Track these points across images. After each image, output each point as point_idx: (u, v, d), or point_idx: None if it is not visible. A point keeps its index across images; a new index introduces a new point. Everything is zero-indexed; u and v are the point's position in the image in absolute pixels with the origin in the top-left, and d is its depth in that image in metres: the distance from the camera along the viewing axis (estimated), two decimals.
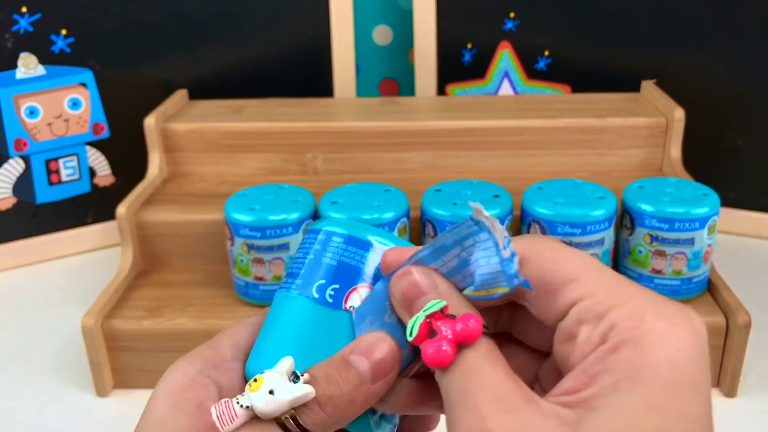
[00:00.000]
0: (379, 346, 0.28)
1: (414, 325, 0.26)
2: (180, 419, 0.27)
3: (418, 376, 0.29)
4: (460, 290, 0.28)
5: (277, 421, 0.26)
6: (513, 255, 0.26)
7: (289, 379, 0.27)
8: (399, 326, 0.28)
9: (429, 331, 0.26)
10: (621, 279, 0.25)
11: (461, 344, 0.25)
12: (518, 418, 0.23)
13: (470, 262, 0.27)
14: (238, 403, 0.27)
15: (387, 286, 0.29)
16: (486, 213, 0.26)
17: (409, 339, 0.26)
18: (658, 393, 0.22)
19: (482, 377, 0.24)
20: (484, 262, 0.27)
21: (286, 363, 0.27)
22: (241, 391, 0.27)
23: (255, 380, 0.27)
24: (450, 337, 0.25)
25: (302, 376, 0.27)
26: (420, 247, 0.29)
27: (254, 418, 0.27)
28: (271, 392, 0.26)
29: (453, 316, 0.26)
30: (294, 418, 0.26)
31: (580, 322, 0.24)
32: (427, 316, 0.26)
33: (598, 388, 0.22)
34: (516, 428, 0.22)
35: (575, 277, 0.25)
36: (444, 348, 0.25)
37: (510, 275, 0.26)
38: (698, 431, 0.22)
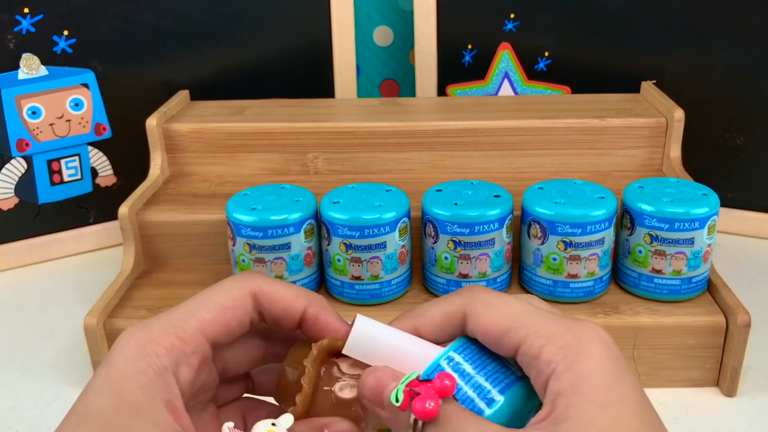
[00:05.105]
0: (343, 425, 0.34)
1: (398, 393, 0.31)
2: (157, 417, 0.30)
3: None
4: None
5: None
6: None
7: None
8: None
9: (411, 396, 0.31)
10: (541, 314, 0.32)
11: (442, 398, 0.30)
12: None
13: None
14: None
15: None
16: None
17: (396, 404, 0.31)
18: (599, 393, 0.29)
19: (470, 425, 0.30)
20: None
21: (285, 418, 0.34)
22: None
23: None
24: (432, 393, 0.30)
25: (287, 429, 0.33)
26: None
27: None
28: None
29: (429, 379, 0.31)
30: None
31: (527, 365, 0.31)
32: (407, 385, 0.31)
33: (559, 409, 0.29)
34: None
35: (506, 328, 0.32)
36: (430, 404, 0.30)
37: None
38: (638, 409, 0.29)
